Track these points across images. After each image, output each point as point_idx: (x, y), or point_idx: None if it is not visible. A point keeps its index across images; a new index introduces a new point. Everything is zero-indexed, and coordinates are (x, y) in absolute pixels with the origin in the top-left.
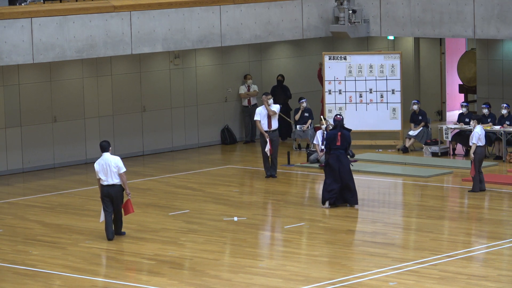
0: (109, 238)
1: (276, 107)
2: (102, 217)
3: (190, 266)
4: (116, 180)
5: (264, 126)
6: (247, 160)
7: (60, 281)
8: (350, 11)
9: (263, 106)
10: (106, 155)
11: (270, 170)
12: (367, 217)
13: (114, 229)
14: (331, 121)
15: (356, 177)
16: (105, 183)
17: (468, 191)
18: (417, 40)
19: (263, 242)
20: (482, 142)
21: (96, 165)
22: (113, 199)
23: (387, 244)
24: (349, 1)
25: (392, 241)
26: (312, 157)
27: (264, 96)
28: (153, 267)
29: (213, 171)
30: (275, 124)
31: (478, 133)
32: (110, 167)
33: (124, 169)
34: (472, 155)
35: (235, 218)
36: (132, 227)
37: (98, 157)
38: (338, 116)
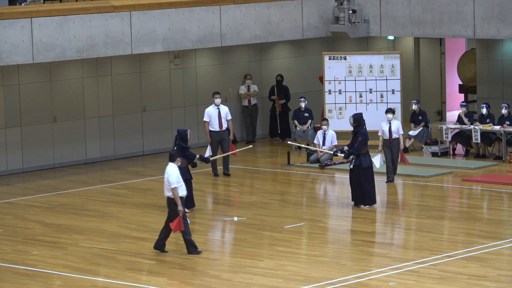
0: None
1: (225, 109)
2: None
3: (190, 266)
4: (168, 193)
5: (216, 127)
6: (247, 160)
7: (60, 281)
8: (350, 11)
9: (213, 105)
10: (168, 166)
11: (223, 168)
12: (367, 217)
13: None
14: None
15: None
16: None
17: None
18: (417, 40)
19: (263, 242)
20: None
21: None
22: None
23: (387, 244)
24: (349, 1)
25: (392, 241)
26: (312, 157)
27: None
28: (153, 267)
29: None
30: (225, 124)
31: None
32: (165, 178)
33: (174, 185)
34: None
35: (235, 218)
36: (132, 227)
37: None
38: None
